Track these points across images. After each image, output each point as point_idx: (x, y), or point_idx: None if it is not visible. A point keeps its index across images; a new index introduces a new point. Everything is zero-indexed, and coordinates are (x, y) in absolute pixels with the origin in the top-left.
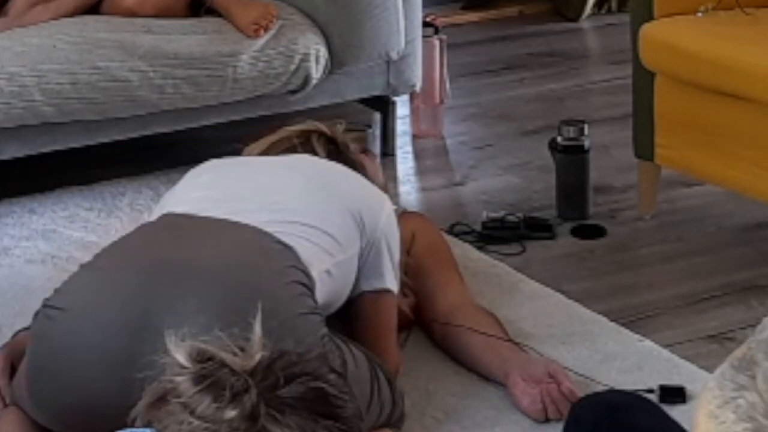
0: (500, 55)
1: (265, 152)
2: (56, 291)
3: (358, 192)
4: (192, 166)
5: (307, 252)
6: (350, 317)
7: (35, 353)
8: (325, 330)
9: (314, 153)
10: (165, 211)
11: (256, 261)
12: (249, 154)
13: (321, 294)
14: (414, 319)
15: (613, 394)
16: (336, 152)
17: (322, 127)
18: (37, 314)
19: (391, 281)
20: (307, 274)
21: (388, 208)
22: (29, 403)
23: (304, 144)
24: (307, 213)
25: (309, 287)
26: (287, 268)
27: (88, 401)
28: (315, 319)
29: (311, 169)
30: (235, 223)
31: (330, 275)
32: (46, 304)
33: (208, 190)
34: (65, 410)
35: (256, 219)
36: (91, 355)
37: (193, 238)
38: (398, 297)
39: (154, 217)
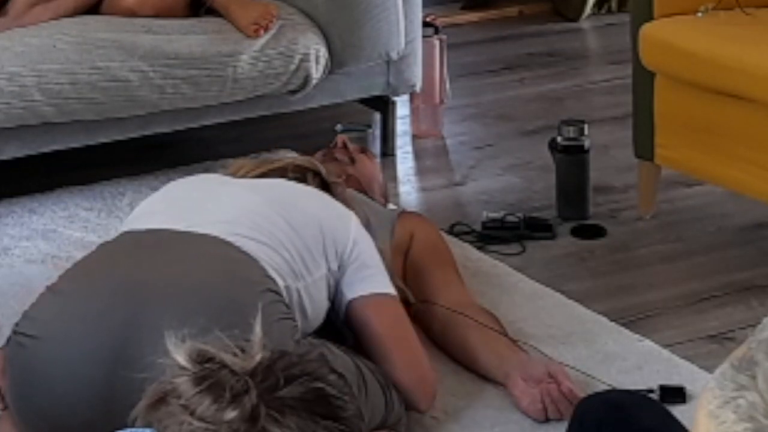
0: (500, 55)
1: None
2: (25, 316)
3: (322, 214)
4: (192, 166)
5: (271, 262)
6: (359, 341)
7: (12, 381)
8: (299, 335)
9: None
10: (127, 228)
11: (226, 274)
12: (237, 172)
13: (296, 312)
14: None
15: (617, 393)
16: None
17: (319, 167)
18: (8, 340)
19: (385, 286)
20: (275, 281)
21: (354, 224)
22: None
23: (298, 180)
24: (264, 233)
25: (279, 293)
26: (256, 278)
27: (71, 428)
28: (288, 324)
29: (275, 193)
30: (198, 235)
31: (299, 300)
32: (16, 331)
33: (168, 206)
34: None
35: (218, 231)
36: (70, 385)
37: (158, 254)
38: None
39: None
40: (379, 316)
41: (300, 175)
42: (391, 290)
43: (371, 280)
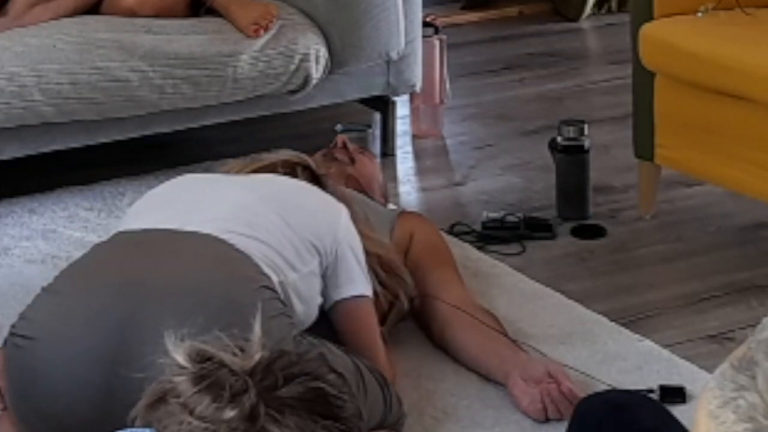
0: (500, 55)
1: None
2: (21, 317)
3: (314, 207)
4: (192, 166)
5: (265, 259)
6: (336, 333)
7: (11, 382)
8: (296, 331)
9: None
10: (121, 228)
11: (224, 273)
12: (229, 173)
13: (293, 308)
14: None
15: (617, 393)
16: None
17: (308, 160)
18: (5, 342)
19: (365, 286)
20: (269, 278)
21: (344, 217)
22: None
23: (288, 175)
24: (257, 230)
25: (274, 290)
26: (252, 275)
27: (70, 428)
28: (285, 320)
29: (267, 188)
30: (193, 233)
31: (296, 291)
32: (13, 332)
33: (162, 206)
34: None
35: (212, 229)
36: (68, 385)
37: (155, 253)
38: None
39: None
40: (363, 319)
41: (289, 170)
42: (366, 291)
43: (356, 279)
